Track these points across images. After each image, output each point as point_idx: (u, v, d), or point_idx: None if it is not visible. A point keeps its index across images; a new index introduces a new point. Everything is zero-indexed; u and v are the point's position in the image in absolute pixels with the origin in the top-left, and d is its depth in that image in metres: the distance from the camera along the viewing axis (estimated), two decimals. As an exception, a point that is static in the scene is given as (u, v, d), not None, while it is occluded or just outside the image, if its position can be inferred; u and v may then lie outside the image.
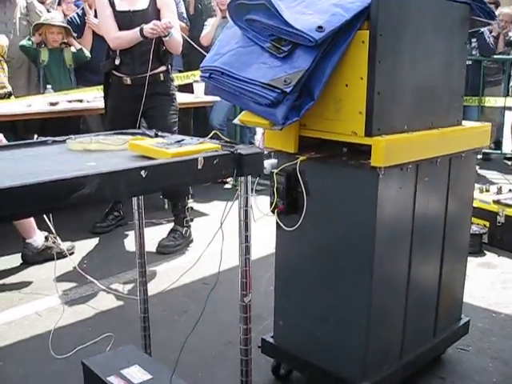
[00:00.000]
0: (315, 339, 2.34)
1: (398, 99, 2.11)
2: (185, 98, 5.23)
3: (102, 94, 4.40)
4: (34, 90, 5.30)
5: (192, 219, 4.39)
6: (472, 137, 2.47)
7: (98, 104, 4.62)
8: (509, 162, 7.25)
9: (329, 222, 2.21)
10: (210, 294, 3.06)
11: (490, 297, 3.43)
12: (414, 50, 2.14)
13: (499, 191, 4.43)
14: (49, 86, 5.05)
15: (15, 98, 4.94)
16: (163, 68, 4.09)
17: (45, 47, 5.20)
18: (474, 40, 6.49)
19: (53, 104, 4.50)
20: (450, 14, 2.28)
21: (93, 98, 4.86)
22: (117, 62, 4.00)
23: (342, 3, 2.00)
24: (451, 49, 2.32)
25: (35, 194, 1.27)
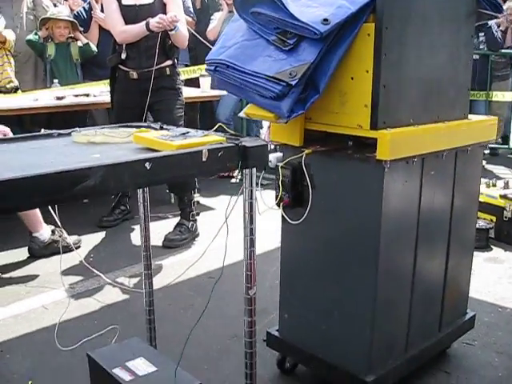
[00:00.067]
0: (320, 333, 2.34)
1: (403, 92, 2.10)
2: (191, 93, 5.23)
3: (108, 88, 4.40)
4: (40, 84, 5.32)
5: (198, 213, 4.40)
6: (478, 130, 2.46)
7: (104, 98, 4.63)
8: (516, 156, 7.24)
9: (334, 215, 2.21)
10: (215, 288, 3.06)
11: (496, 291, 3.42)
12: (420, 43, 2.13)
13: (506, 186, 4.40)
14: (55, 81, 5.06)
15: (22, 92, 4.97)
16: (169, 62, 4.09)
17: (51, 42, 5.20)
18: (481, 34, 6.46)
19: (59, 98, 4.51)
20: (456, 7, 2.26)
21: (99, 92, 4.87)
22: (123, 56, 4.00)
23: (348, -4, 2.00)
24: (457, 42, 2.31)
25: (39, 185, 1.28)
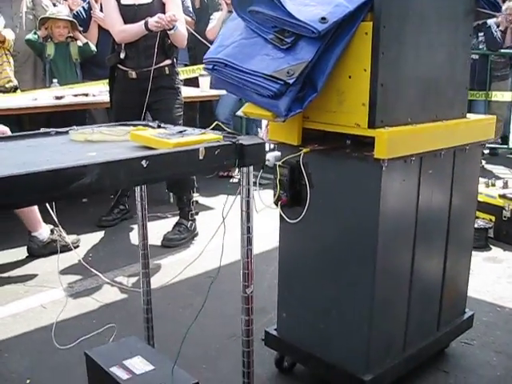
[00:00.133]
0: (318, 332, 2.34)
1: (401, 91, 2.10)
2: (190, 92, 5.23)
3: (107, 87, 4.40)
4: (40, 83, 5.31)
5: (197, 213, 4.40)
6: (476, 129, 2.46)
7: (103, 98, 4.62)
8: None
9: (332, 214, 2.21)
10: (214, 287, 3.06)
11: (495, 291, 3.42)
12: (418, 42, 2.13)
13: (505, 185, 4.40)
14: (55, 80, 5.06)
15: (21, 91, 4.96)
16: (168, 61, 4.09)
17: (51, 41, 5.19)
18: (481, 34, 6.45)
19: (58, 98, 4.51)
20: (454, 6, 2.26)
21: (98, 91, 4.87)
22: (122, 55, 4.00)
23: (346, -6, 2.00)
24: (456, 41, 2.31)
25: (35, 182, 1.28)
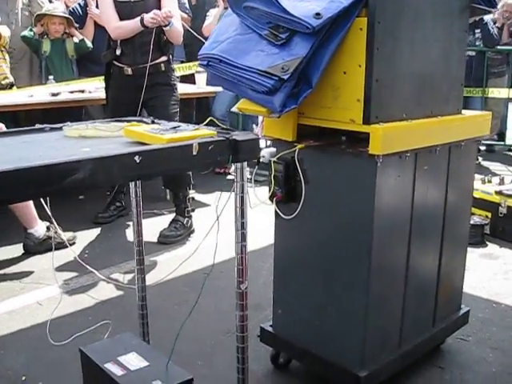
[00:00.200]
0: (314, 328, 2.34)
1: (396, 87, 2.10)
2: (187, 89, 5.22)
3: (103, 84, 4.39)
4: (36, 80, 5.30)
5: (193, 209, 4.39)
6: (472, 126, 2.46)
7: (99, 94, 4.61)
8: (512, 153, 7.24)
9: (327, 210, 2.21)
10: (210, 284, 3.07)
11: (491, 287, 3.42)
12: (413, 38, 2.12)
13: (501, 182, 4.40)
14: (51, 77, 5.04)
15: (17, 88, 4.94)
16: (164, 58, 4.08)
17: (47, 38, 5.18)
18: (477, 31, 6.45)
19: (54, 94, 4.50)
20: (449, 2, 2.26)
21: (94, 88, 4.86)
22: (118, 52, 4.00)
23: (340, -10, 1.99)
24: (451, 37, 2.31)
25: (29, 178, 1.27)
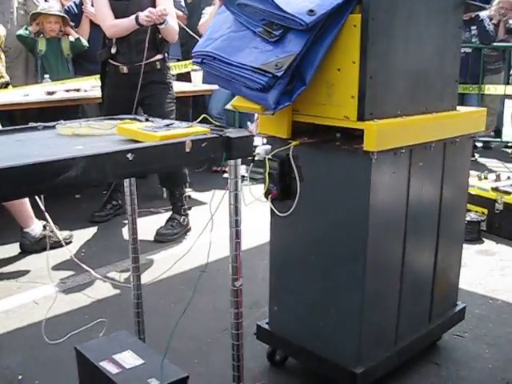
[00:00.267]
0: (310, 325, 2.34)
1: (390, 83, 2.10)
2: (183, 87, 5.22)
3: (99, 83, 4.38)
4: (31, 79, 5.29)
5: (190, 208, 4.39)
6: (467, 122, 2.46)
7: (95, 93, 4.60)
8: (509, 150, 7.23)
9: (322, 207, 2.21)
10: (206, 282, 3.06)
11: (487, 283, 3.42)
12: (407, 34, 2.12)
13: (498, 178, 4.41)
14: (46, 76, 5.03)
15: (13, 87, 4.93)
16: (160, 56, 4.08)
17: (42, 37, 5.17)
18: (473, 27, 6.44)
19: (50, 93, 4.49)
20: (443, -2, 2.26)
21: (90, 87, 4.85)
22: (113, 50, 3.99)
23: (334, -14, 1.99)
24: (445, 33, 2.30)
25: (21, 175, 1.27)
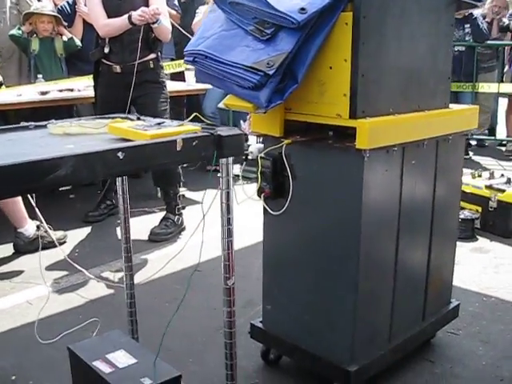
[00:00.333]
0: (303, 324, 2.34)
1: (382, 81, 2.10)
2: (177, 87, 5.22)
3: (93, 82, 4.37)
4: (25, 79, 5.28)
5: (184, 207, 4.39)
6: (459, 119, 2.46)
7: (89, 93, 4.59)
8: (503, 148, 7.25)
9: (315, 205, 2.21)
10: (200, 281, 3.06)
11: (481, 281, 3.43)
12: (399, 32, 2.12)
13: (491, 176, 4.42)
14: (39, 76, 5.02)
15: (6, 87, 4.92)
16: (153, 56, 4.08)
17: (35, 36, 5.16)
18: (467, 26, 6.44)
19: (43, 93, 4.48)
20: (435, -4, 2.26)
21: (84, 86, 4.84)
22: (106, 50, 3.99)
23: (325, -15, 1.98)
24: (437, 31, 2.31)
25: (11, 174, 1.27)
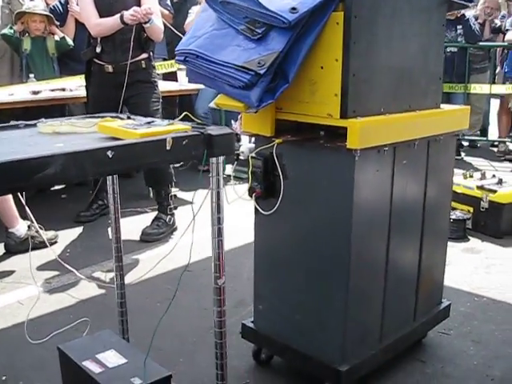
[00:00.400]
0: (294, 323, 2.34)
1: (373, 81, 2.10)
2: (169, 87, 5.21)
3: (84, 82, 4.36)
4: (17, 79, 5.25)
5: (176, 207, 4.38)
6: (450, 120, 2.47)
7: (80, 92, 4.59)
8: (495, 149, 7.27)
9: (306, 205, 2.21)
10: (191, 281, 3.04)
11: (472, 281, 3.44)
12: (390, 32, 2.12)
13: (483, 177, 4.43)
14: (31, 75, 5.00)
15: (-2, 87, 4.90)
16: (145, 55, 4.07)
17: (27, 36, 5.13)
18: (459, 27, 6.47)
19: (35, 93, 4.47)
20: (426, -4, 2.27)
21: (76, 86, 4.83)
22: (98, 49, 3.98)
23: (316, -16, 1.98)
24: (428, 31, 2.31)
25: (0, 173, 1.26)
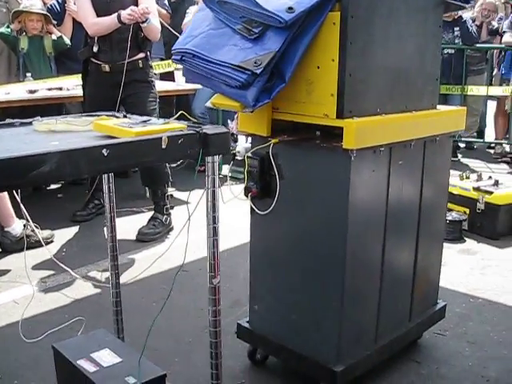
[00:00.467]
0: (290, 323, 2.34)
1: (370, 82, 2.10)
2: (167, 86, 5.21)
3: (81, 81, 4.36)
4: (14, 78, 5.23)
5: (172, 207, 4.38)
6: (446, 120, 2.47)
7: (77, 92, 4.58)
8: (491, 150, 7.28)
9: (302, 205, 2.21)
10: (187, 281, 3.04)
11: (468, 282, 3.44)
12: (387, 33, 2.13)
13: (479, 178, 4.44)
14: (28, 74, 4.98)
15: (-5, 85, 4.89)
16: (142, 55, 4.07)
17: (24, 35, 5.12)
18: (456, 29, 6.48)
19: (32, 92, 4.46)
20: (423, -3, 2.27)
21: (73, 85, 4.82)
22: (95, 49, 3.97)
23: (313, -16, 1.99)
24: (425, 32, 2.31)
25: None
